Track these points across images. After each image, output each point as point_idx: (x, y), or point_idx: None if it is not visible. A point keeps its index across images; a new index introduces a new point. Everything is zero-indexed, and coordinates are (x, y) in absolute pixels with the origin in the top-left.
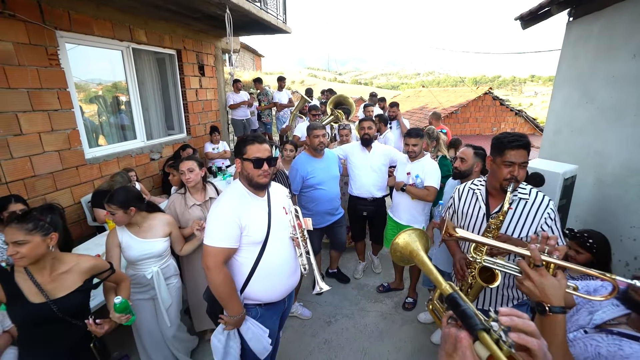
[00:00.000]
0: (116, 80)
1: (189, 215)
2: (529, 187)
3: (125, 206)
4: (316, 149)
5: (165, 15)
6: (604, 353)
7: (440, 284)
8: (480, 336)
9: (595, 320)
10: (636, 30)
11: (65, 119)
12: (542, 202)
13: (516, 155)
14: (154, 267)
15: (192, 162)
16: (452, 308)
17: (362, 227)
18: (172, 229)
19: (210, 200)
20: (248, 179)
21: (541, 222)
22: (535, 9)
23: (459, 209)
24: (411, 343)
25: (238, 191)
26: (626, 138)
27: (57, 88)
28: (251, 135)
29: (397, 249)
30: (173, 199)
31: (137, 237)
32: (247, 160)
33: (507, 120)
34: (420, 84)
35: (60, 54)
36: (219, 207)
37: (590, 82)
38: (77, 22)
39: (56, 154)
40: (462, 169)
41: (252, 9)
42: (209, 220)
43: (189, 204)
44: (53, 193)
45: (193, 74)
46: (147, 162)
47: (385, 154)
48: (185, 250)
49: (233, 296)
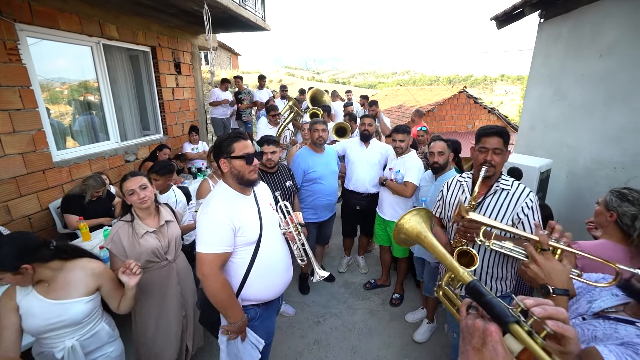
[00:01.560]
0: (86, 79)
1: (140, 247)
2: (511, 180)
3: (13, 266)
4: (316, 143)
5: (138, 9)
6: (600, 336)
7: (457, 270)
8: (512, 329)
9: (593, 308)
10: (601, 32)
11: (29, 120)
12: (522, 193)
13: (490, 142)
14: (68, 341)
15: (141, 178)
16: (474, 297)
17: (353, 224)
18: (102, 281)
19: (167, 224)
20: (239, 177)
21: (517, 211)
22: (510, 9)
23: (447, 201)
24: (400, 339)
25: (226, 193)
26: (595, 133)
27: (18, 86)
28: (233, 133)
29: (402, 230)
30: (117, 230)
31: (47, 297)
32: (236, 158)
33: (481, 117)
34: (397, 82)
35: (21, 48)
36: (209, 212)
37: (562, 80)
38: (40, 15)
39: (19, 157)
40: (441, 162)
41: (231, 5)
42: (200, 227)
43: (139, 233)
44: (16, 199)
45: (169, 72)
46: (122, 164)
47: (382, 150)
48: (123, 308)
49: (233, 302)
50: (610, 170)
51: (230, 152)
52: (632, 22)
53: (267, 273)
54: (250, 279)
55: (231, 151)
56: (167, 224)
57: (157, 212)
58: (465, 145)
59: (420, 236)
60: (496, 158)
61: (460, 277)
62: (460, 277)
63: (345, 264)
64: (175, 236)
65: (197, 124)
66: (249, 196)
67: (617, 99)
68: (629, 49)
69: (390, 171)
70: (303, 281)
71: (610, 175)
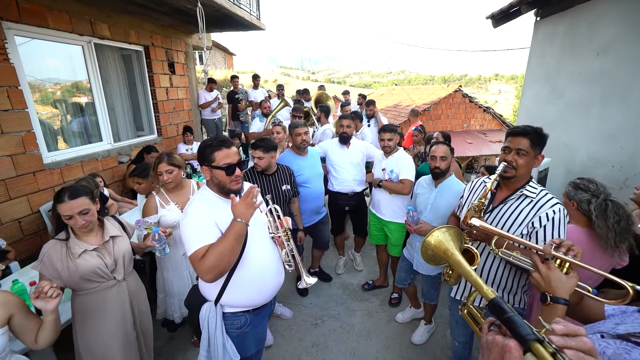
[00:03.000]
0: (77, 79)
1: (78, 268)
2: (540, 188)
3: None
4: (299, 147)
5: (130, 8)
6: (609, 354)
7: (481, 287)
8: (533, 347)
9: (618, 330)
10: (596, 30)
11: (18, 120)
12: (547, 202)
13: (514, 142)
14: None
15: (82, 201)
16: (496, 314)
17: (341, 221)
18: (12, 311)
19: (112, 239)
20: (220, 187)
21: (534, 219)
22: (506, 8)
23: (468, 201)
24: (399, 340)
25: (206, 197)
26: (592, 131)
27: (6, 86)
28: (216, 140)
29: (429, 247)
30: (47, 250)
31: None
32: (216, 168)
33: (476, 116)
34: (392, 82)
35: (8, 48)
36: (190, 215)
37: (558, 78)
38: (28, 13)
39: (8, 159)
40: (443, 167)
41: (225, 4)
42: (184, 232)
43: (75, 253)
44: (5, 203)
45: (163, 72)
46: (115, 165)
47: (363, 150)
48: (42, 340)
49: (233, 240)
50: (609, 169)
51: (211, 160)
52: (627, 20)
53: (255, 278)
54: (237, 283)
55: (212, 160)
56: (112, 239)
57: (101, 226)
58: (461, 143)
59: (448, 253)
60: (519, 159)
61: (484, 293)
62: (483, 294)
63: (342, 266)
64: (124, 252)
65: (191, 125)
66: None
67: (614, 97)
68: (625, 47)
69: (384, 172)
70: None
71: (608, 173)
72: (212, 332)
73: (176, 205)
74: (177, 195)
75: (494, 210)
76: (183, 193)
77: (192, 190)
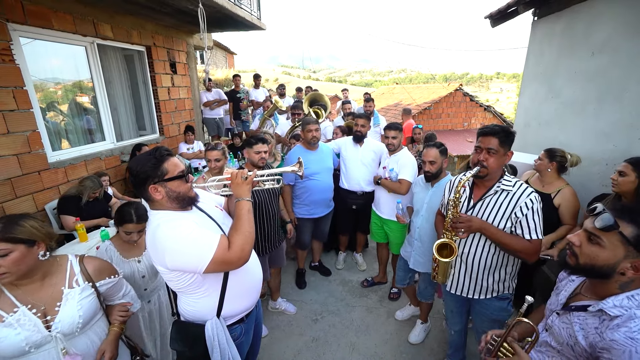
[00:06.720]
0: (81, 79)
1: None
2: (514, 180)
3: None
4: (310, 142)
5: (132, 9)
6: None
7: None
8: None
9: (561, 300)
10: (593, 29)
11: (24, 120)
12: (524, 193)
13: (484, 141)
14: None
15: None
16: None
17: (348, 220)
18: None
19: None
20: (180, 199)
21: (515, 210)
22: (504, 8)
23: (447, 200)
24: (397, 335)
25: (169, 215)
26: (588, 130)
27: (12, 86)
28: (157, 153)
29: None
30: None
31: None
32: (172, 179)
33: (477, 115)
34: (393, 81)
35: (14, 49)
36: (176, 235)
37: (555, 77)
38: (33, 15)
39: (14, 158)
40: (433, 171)
41: (226, 4)
42: (186, 251)
43: None
44: (12, 201)
45: (164, 72)
46: (118, 164)
47: (375, 149)
48: None
49: (246, 217)
50: (602, 167)
51: (162, 175)
52: (624, 20)
53: (244, 279)
54: (232, 288)
55: (164, 174)
56: None
57: None
58: (461, 142)
59: None
60: (490, 158)
61: None
62: None
63: (341, 261)
64: None
65: (193, 124)
66: (191, 210)
67: (609, 96)
68: (621, 46)
69: (384, 170)
70: (300, 276)
71: (602, 171)
72: (225, 348)
73: None
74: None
75: (476, 207)
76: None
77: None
